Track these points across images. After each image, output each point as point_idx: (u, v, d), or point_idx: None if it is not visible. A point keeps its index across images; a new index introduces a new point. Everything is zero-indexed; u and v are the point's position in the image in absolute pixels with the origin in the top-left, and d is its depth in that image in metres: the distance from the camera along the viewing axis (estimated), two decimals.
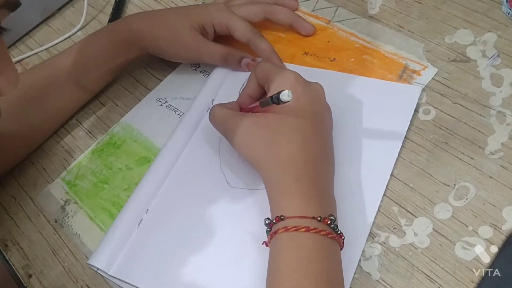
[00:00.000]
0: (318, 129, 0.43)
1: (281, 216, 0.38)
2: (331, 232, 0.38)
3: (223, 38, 0.56)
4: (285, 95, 0.38)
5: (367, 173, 0.46)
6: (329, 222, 0.38)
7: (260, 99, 0.47)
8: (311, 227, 0.37)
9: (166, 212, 0.47)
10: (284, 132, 0.41)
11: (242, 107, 0.48)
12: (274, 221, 0.39)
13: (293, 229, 0.37)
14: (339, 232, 0.39)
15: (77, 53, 0.55)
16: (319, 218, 0.38)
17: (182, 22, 0.54)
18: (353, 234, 0.42)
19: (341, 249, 0.39)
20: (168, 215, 0.47)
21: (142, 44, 0.55)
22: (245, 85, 0.49)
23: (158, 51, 0.56)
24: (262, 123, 0.43)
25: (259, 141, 0.42)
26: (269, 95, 0.44)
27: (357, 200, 0.44)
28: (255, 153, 0.42)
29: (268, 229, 0.39)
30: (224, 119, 0.45)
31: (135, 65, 0.61)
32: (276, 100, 0.39)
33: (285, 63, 0.54)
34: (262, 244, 0.40)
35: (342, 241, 0.39)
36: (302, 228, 0.37)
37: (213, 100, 0.54)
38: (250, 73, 0.55)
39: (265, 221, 0.40)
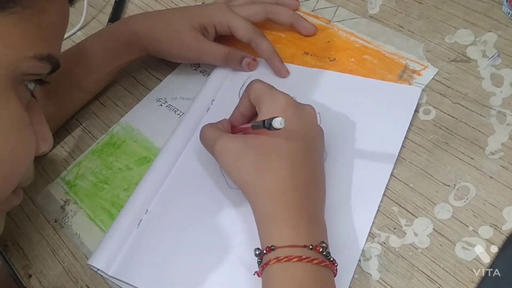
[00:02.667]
0: (308, 154, 0.42)
1: (272, 246, 0.37)
2: (323, 260, 0.37)
3: (223, 38, 0.56)
4: (277, 123, 0.37)
5: (367, 173, 0.46)
6: (321, 249, 0.37)
7: (252, 118, 0.46)
8: (304, 256, 0.36)
9: (165, 212, 0.47)
10: (272, 157, 0.40)
11: (234, 125, 0.47)
12: (264, 251, 0.37)
13: (285, 259, 0.36)
14: (331, 259, 0.38)
15: (78, 55, 0.55)
16: (310, 247, 0.36)
17: (183, 22, 0.54)
18: (353, 234, 0.43)
19: (335, 276, 0.38)
20: (167, 216, 0.47)
21: (143, 45, 0.55)
22: (238, 102, 0.47)
23: (159, 52, 0.56)
24: (250, 147, 0.41)
25: (247, 166, 0.41)
26: (259, 117, 0.43)
27: (357, 200, 0.44)
28: (243, 179, 0.41)
29: (259, 260, 0.38)
30: (213, 140, 0.44)
31: (135, 65, 0.61)
32: (268, 125, 0.38)
33: (285, 63, 0.54)
34: (254, 274, 0.39)
35: (335, 268, 0.38)
36: (294, 258, 0.36)
37: (213, 100, 0.54)
38: (249, 74, 0.55)
39: (255, 252, 0.38)
